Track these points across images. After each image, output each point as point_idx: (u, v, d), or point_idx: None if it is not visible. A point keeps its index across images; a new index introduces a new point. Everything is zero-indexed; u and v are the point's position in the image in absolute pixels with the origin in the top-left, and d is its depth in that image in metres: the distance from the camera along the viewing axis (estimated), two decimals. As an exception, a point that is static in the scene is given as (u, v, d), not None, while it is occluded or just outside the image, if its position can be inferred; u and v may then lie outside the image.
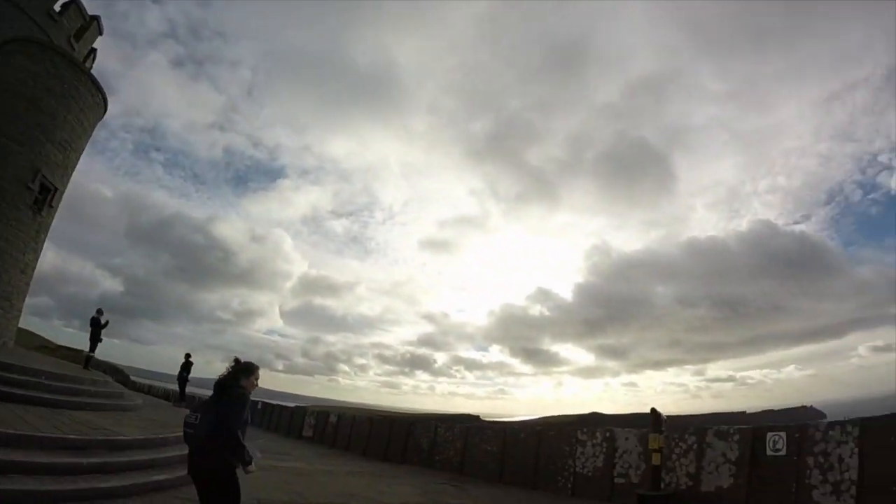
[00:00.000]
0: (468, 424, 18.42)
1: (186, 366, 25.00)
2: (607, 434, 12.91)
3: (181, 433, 4.59)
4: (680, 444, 11.16)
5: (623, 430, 12.77)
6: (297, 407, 31.15)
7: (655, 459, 10.61)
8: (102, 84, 20.95)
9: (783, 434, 9.57)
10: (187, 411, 4.79)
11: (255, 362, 4.80)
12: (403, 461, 18.90)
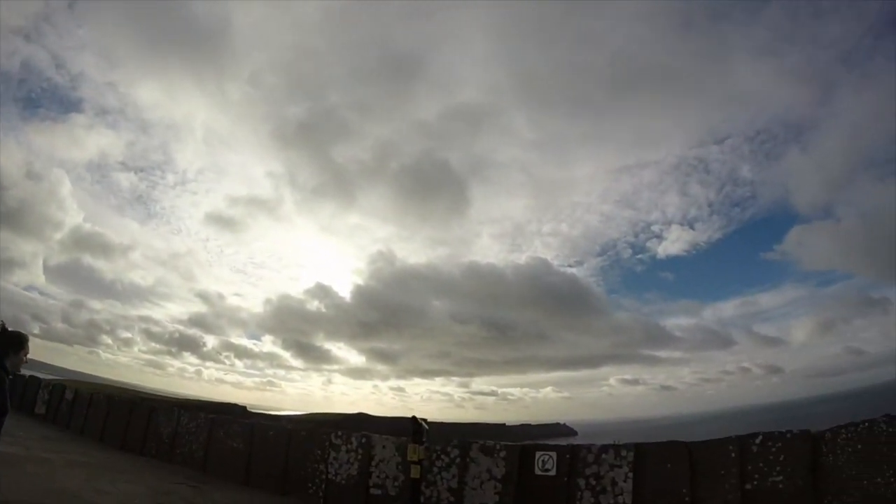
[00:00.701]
0: (214, 416, 14.78)
1: None
2: (363, 440, 10.97)
3: None
4: (442, 456, 9.81)
5: (381, 437, 11.01)
6: (30, 377, 23.90)
7: (415, 472, 8.98)
8: None
9: (553, 454, 8.75)
10: None
11: (14, 328, 3.86)
12: (143, 452, 15.31)
